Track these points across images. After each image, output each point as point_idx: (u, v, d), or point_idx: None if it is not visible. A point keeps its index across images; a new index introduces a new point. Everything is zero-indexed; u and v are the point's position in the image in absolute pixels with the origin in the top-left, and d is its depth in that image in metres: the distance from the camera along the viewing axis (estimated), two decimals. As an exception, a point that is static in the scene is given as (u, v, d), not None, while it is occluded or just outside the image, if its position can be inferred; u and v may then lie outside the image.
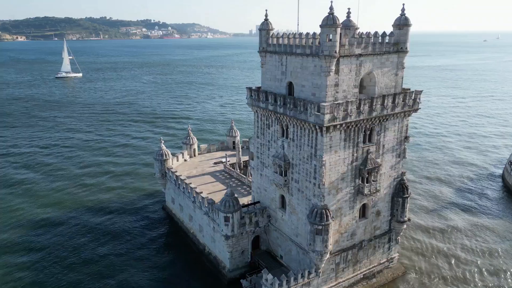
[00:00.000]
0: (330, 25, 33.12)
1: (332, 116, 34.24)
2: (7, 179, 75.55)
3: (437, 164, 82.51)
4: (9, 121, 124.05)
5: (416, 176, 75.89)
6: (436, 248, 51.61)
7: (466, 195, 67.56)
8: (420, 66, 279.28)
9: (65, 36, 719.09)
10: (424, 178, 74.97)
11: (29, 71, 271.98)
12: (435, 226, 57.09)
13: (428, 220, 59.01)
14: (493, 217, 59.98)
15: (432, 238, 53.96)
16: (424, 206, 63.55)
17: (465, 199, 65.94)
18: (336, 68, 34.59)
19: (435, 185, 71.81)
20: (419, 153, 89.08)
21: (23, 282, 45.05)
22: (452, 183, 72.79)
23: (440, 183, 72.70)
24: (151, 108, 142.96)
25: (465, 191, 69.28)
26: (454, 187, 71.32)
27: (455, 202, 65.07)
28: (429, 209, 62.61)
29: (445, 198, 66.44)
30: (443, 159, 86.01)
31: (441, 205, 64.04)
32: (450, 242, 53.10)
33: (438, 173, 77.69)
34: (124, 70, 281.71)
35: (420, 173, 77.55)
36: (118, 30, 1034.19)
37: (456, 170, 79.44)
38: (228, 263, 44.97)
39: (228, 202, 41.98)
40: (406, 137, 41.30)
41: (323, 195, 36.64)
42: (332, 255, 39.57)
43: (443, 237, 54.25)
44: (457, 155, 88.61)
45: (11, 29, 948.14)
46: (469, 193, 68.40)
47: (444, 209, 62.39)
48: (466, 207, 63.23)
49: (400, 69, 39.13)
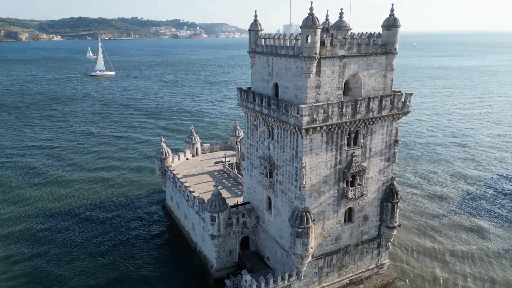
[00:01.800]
0: (309, 26, 32.70)
1: (311, 118, 33.81)
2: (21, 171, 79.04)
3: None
4: (35, 116, 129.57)
5: (423, 181, 73.74)
6: (429, 255, 50.22)
7: (474, 201, 65.09)
8: (450, 67, 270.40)
9: (98, 36, 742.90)
10: (426, 184, 72.74)
11: (58, 69, 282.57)
12: (429, 233, 55.45)
13: (422, 226, 57.38)
14: (491, 223, 57.71)
15: (426, 245, 52.39)
16: (420, 211, 61.87)
17: (468, 206, 63.58)
18: (317, 69, 34.13)
19: (436, 192, 69.55)
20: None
21: (22, 276, 46.74)
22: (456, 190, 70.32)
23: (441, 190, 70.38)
24: (168, 106, 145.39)
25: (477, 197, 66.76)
26: (459, 192, 68.86)
27: (452, 208, 62.90)
28: (424, 214, 60.91)
29: (442, 205, 64.29)
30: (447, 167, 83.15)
31: (437, 211, 62.04)
32: (445, 249, 51.43)
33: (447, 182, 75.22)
34: (148, 69, 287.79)
35: (423, 178, 75.29)
36: (148, 30, 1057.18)
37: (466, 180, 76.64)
38: (215, 263, 45.24)
39: (215, 202, 42.22)
40: (396, 140, 40.21)
41: (303, 197, 36.25)
42: (315, 259, 39.08)
43: (437, 244, 52.60)
44: (458, 165, 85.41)
45: (48, 29, 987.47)
46: (481, 199, 65.84)
47: (440, 216, 60.48)
48: (464, 214, 61.00)
49: (389, 71, 38.12)
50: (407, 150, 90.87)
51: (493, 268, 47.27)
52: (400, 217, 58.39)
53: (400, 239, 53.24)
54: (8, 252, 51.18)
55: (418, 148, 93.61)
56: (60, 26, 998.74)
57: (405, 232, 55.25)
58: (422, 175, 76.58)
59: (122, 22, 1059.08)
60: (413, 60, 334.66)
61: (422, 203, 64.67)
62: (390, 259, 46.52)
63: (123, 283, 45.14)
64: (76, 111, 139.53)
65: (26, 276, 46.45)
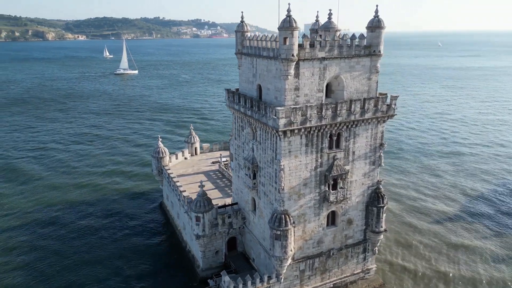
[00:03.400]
0: (286, 28, 32.58)
1: (288, 120, 33.64)
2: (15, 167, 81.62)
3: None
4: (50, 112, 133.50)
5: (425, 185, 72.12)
6: (418, 261, 49.29)
7: (464, 209, 63.21)
8: (472, 68, 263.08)
9: (121, 36, 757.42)
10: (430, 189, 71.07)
11: (76, 68, 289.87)
12: (420, 239, 54.44)
13: (415, 231, 56.43)
14: (485, 232, 56.11)
15: (416, 250, 51.55)
16: (413, 216, 60.87)
17: (458, 214, 61.85)
18: (295, 71, 33.94)
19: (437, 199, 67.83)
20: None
21: (18, 274, 48.22)
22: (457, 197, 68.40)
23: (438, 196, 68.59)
24: (179, 106, 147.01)
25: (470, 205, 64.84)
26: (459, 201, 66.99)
27: (446, 215, 61.36)
28: (418, 219, 59.83)
29: (436, 211, 62.69)
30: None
31: (431, 217, 60.64)
32: (435, 255, 50.47)
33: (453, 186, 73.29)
34: (166, 68, 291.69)
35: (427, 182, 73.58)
36: (170, 29, 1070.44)
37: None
38: (201, 262, 45.58)
39: (200, 202, 42.53)
40: (382, 144, 39.52)
41: (282, 200, 36.10)
42: (296, 262, 38.86)
43: (428, 250, 51.67)
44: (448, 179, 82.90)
45: (73, 29, 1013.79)
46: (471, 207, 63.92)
47: (433, 222, 59.10)
48: (457, 220, 59.44)
49: (374, 73, 37.52)
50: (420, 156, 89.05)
51: (487, 278, 45.96)
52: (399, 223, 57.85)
53: (389, 244, 52.29)
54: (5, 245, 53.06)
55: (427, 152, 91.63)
56: (85, 26, 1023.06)
57: (395, 237, 54.19)
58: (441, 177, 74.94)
59: (144, 22, 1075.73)
60: (434, 60, 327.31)
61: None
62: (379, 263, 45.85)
63: (114, 279, 46.04)
64: (90, 108, 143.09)
65: (22, 274, 47.75)
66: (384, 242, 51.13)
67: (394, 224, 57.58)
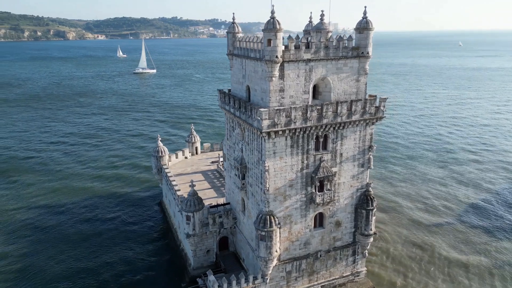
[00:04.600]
0: (270, 30, 32.66)
1: (272, 122, 33.72)
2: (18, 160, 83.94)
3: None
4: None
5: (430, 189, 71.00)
6: (410, 264, 48.79)
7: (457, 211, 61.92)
8: (490, 68, 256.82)
9: (139, 35, 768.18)
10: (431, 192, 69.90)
11: (92, 67, 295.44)
12: (414, 241, 53.91)
13: (406, 235, 55.71)
14: (478, 234, 55.16)
15: (409, 254, 50.94)
16: (408, 220, 60.11)
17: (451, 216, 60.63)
18: (280, 73, 33.98)
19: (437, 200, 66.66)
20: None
21: (19, 267, 49.69)
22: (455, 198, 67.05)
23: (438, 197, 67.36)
24: (189, 105, 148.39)
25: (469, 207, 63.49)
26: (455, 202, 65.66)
27: (439, 219, 60.32)
28: (411, 223, 59.10)
29: (429, 214, 61.73)
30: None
31: (426, 221, 59.74)
32: (427, 259, 49.90)
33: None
34: (180, 68, 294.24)
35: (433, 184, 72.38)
36: (187, 29, 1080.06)
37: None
38: (192, 261, 46.07)
39: (190, 202, 42.97)
40: (371, 146, 39.17)
41: (267, 201, 36.21)
42: (282, 263, 38.89)
43: (420, 254, 51.09)
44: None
45: (93, 29, 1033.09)
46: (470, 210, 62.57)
47: (427, 226, 58.23)
48: (451, 223, 58.43)
49: (363, 75, 37.21)
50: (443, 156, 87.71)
51: (479, 281, 45.06)
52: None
53: (382, 247, 51.75)
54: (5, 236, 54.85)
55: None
56: (105, 26, 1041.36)
57: (387, 240, 53.58)
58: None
59: (162, 22, 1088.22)
60: (452, 60, 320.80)
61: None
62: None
63: (107, 273, 47.14)
64: (103, 106, 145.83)
65: (19, 271, 48.85)
66: (375, 246, 50.85)
67: (389, 226, 57.02)
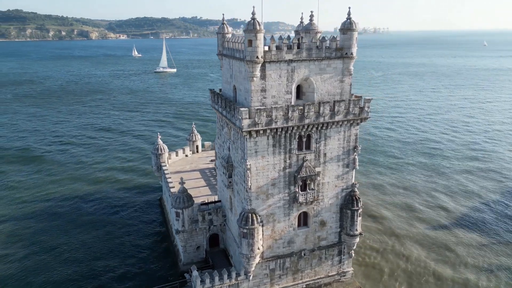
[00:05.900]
0: (250, 30, 33.26)
1: (252, 121, 34.30)
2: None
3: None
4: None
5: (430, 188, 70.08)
6: (399, 265, 48.66)
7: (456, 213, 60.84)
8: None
9: (160, 35, 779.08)
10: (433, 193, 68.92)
11: (109, 65, 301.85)
12: (405, 242, 53.58)
13: (398, 237, 55.28)
14: (471, 235, 54.31)
15: (398, 255, 50.73)
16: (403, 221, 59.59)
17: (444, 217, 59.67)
18: (262, 73, 34.50)
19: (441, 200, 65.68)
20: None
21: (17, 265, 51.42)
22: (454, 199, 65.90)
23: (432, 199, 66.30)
24: (201, 103, 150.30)
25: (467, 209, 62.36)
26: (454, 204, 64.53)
27: (430, 220, 59.60)
28: (406, 225, 58.56)
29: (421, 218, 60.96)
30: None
31: (423, 223, 59.11)
32: (416, 261, 49.59)
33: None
34: (196, 67, 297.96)
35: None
36: (207, 29, 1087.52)
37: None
38: (182, 257, 47.08)
39: (179, 198, 43.98)
40: (355, 146, 39.24)
41: (250, 199, 36.81)
42: (265, 260, 39.42)
43: (410, 254, 50.78)
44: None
45: (115, 29, 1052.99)
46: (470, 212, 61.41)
47: (421, 228, 57.75)
48: (443, 223, 57.55)
49: (347, 76, 37.32)
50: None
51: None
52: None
53: (372, 247, 51.55)
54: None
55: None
56: (127, 26, 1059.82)
57: (377, 241, 53.29)
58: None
59: (182, 21, 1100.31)
60: (473, 60, 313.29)
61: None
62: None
63: (101, 268, 48.55)
64: (116, 104, 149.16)
65: (17, 267, 50.18)
66: (362, 246, 50.89)
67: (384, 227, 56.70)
